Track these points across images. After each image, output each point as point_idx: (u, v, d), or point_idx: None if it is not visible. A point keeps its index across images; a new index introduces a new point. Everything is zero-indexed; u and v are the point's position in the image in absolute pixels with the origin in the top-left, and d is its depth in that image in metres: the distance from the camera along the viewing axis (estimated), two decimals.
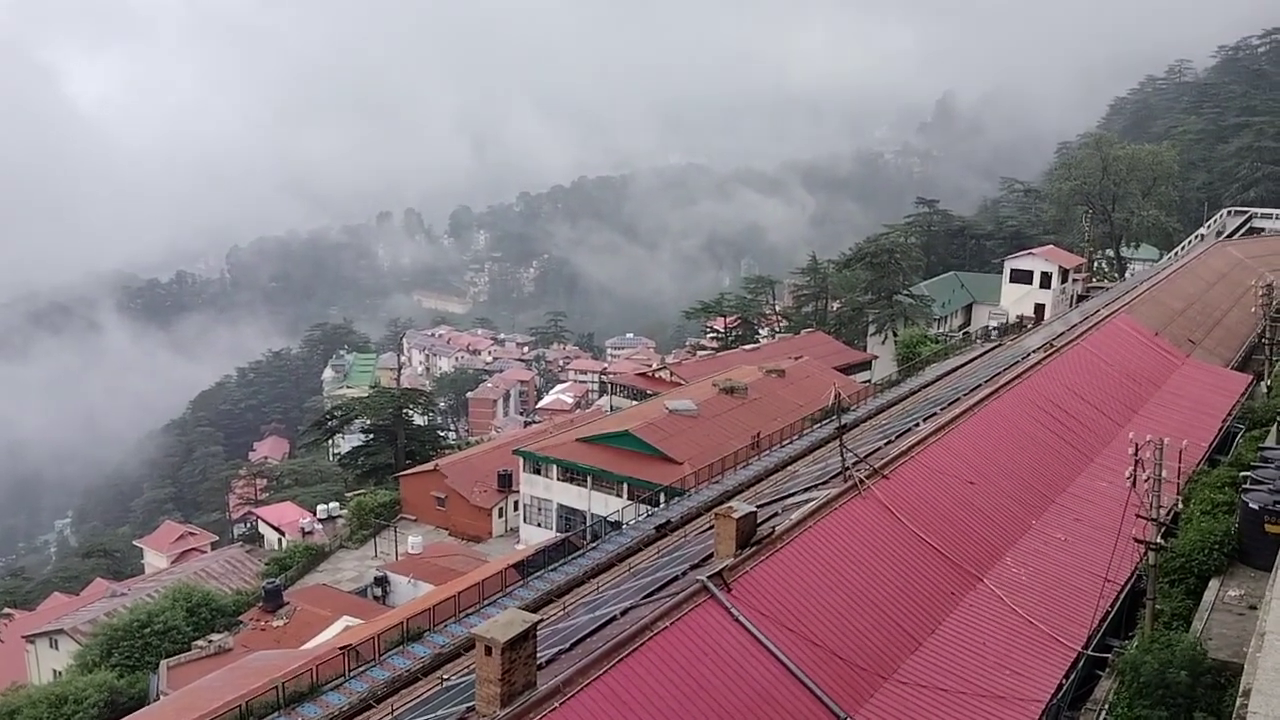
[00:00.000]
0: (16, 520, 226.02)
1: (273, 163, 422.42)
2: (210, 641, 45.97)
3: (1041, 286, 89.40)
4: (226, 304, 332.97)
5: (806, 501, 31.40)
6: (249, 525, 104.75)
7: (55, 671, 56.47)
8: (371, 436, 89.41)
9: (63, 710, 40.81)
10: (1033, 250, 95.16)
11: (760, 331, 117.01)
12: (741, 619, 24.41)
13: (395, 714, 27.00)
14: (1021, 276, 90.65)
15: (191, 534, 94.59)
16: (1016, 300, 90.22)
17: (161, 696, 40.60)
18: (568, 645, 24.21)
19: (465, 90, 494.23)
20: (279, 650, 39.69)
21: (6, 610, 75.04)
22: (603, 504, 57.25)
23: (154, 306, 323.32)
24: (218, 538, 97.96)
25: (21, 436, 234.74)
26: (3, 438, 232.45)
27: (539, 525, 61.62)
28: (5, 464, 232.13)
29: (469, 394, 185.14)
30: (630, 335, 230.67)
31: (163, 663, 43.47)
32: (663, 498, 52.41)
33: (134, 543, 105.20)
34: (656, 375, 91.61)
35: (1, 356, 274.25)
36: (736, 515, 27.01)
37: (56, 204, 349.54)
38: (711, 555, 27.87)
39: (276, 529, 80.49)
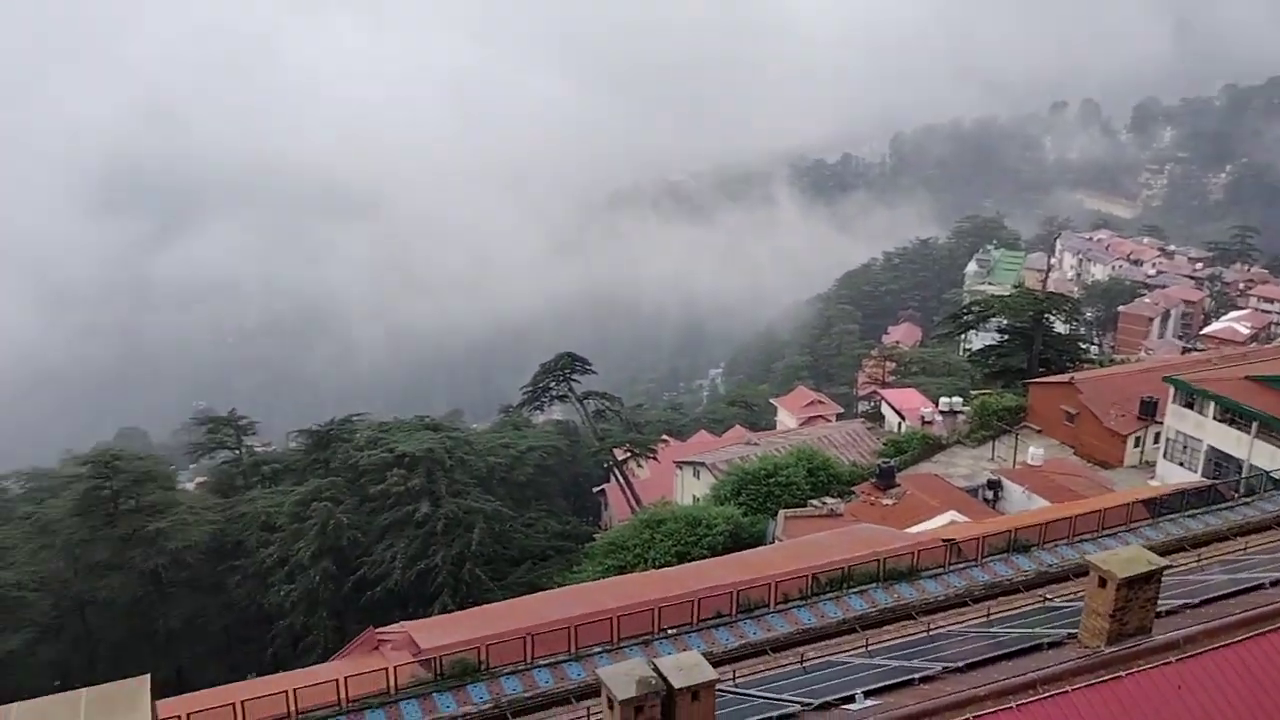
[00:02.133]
0: (681, 363, 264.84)
1: (947, 46, 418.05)
2: (824, 503, 49.04)
3: None
4: (886, 187, 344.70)
5: None
6: (872, 404, 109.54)
7: (694, 497, 65.28)
8: (1006, 337, 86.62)
9: (696, 530, 46.90)
10: None
11: None
12: None
13: (990, 618, 26.42)
14: None
15: (820, 402, 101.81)
16: None
17: (776, 541, 44.68)
18: (1195, 601, 21.45)
19: None
20: (884, 527, 40.92)
21: (664, 436, 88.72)
22: (1267, 456, 48.95)
23: (819, 185, 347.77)
24: (843, 410, 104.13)
25: (697, 289, 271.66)
26: (682, 289, 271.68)
27: (1181, 465, 55.11)
28: (681, 312, 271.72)
29: (1121, 307, 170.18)
30: None
31: (781, 512, 47.53)
32: None
33: (770, 400, 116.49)
34: None
35: (691, 219, 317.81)
36: None
37: (746, 86, 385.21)
38: None
39: (898, 412, 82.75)
